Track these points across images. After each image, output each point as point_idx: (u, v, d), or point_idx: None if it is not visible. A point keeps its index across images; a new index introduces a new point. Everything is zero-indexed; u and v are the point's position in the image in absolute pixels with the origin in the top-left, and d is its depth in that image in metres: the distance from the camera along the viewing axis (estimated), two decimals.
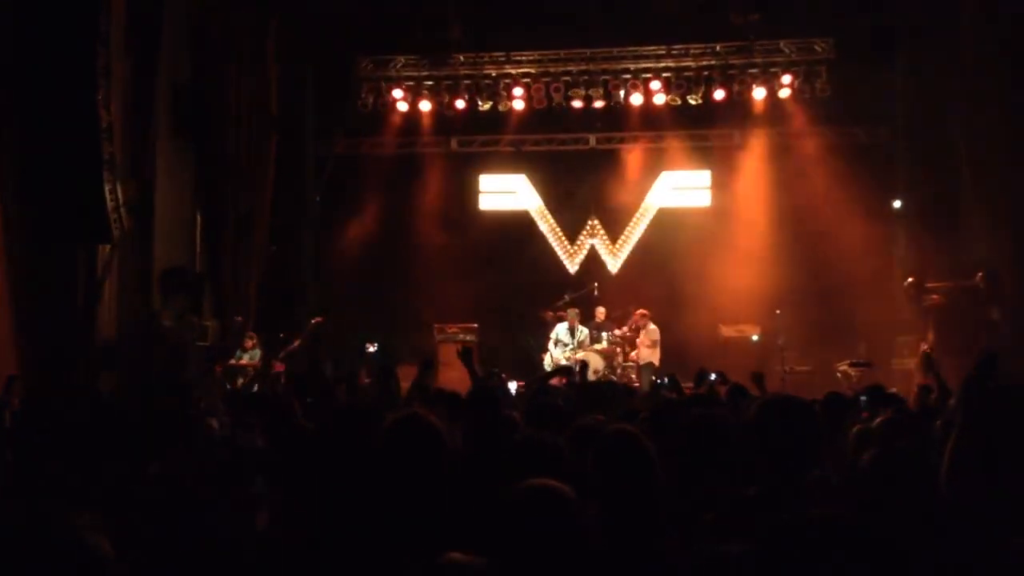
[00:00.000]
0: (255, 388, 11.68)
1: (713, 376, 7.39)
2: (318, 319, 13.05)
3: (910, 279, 12.84)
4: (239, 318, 13.31)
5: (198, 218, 14.34)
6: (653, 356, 13.59)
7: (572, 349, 13.58)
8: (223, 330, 13.47)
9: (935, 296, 12.66)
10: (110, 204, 9.75)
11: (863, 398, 6.37)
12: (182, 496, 2.50)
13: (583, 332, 13.78)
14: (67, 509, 1.66)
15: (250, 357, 12.77)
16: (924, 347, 11.83)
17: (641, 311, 13.89)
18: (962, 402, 3.48)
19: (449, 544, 2.43)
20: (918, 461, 3.30)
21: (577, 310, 14.01)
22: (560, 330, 13.87)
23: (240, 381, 12.18)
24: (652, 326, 13.77)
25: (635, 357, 13.90)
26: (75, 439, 3.83)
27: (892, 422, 4.58)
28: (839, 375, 12.49)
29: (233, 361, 12.54)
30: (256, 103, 14.01)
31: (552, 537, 2.12)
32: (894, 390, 7.55)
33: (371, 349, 5.18)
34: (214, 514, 2.49)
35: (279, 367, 12.22)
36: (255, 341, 12.97)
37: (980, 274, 12.21)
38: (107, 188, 9.69)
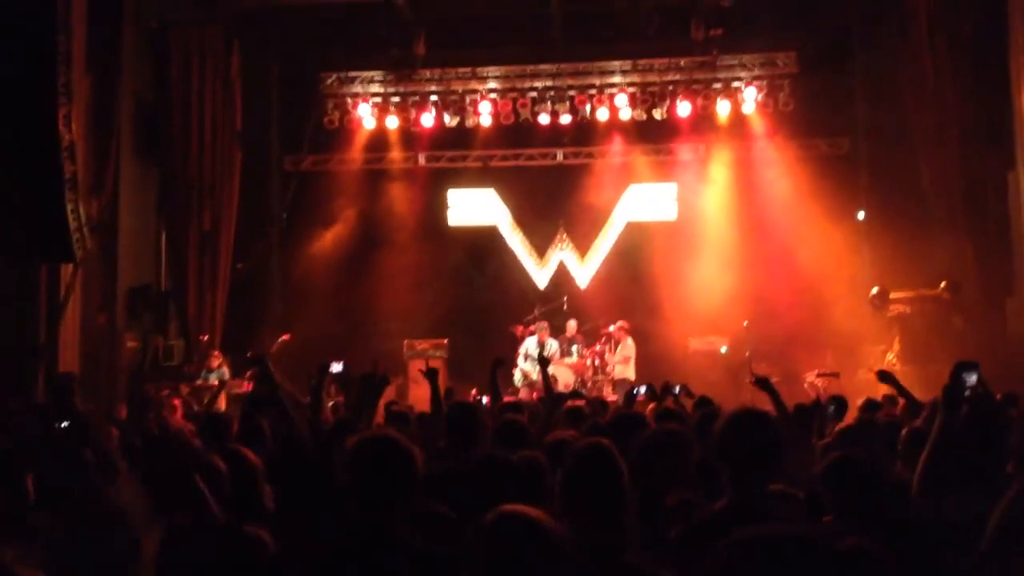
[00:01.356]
0: (221, 408, 11.54)
1: (677, 389, 7.39)
2: (284, 336, 12.94)
3: (875, 289, 12.98)
4: (204, 337, 13.19)
5: (163, 236, 14.23)
6: (627, 371, 13.59)
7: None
8: (188, 349, 13.34)
9: (900, 306, 12.82)
10: (73, 223, 9.65)
11: (831, 408, 6.41)
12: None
13: (552, 345, 13.77)
14: None
15: (217, 376, 12.63)
16: (882, 366, 12.00)
17: (621, 324, 13.87)
18: (940, 410, 3.51)
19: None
20: (869, 467, 3.33)
21: (546, 324, 14.02)
22: (530, 344, 13.86)
23: (205, 401, 12.03)
24: (629, 341, 13.76)
25: (610, 372, 13.91)
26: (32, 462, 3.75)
27: (848, 431, 4.63)
28: (807, 385, 12.58)
29: (200, 381, 12.40)
30: (220, 120, 13.94)
31: (525, 566, 2.11)
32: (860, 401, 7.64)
33: (336, 368, 5.10)
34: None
35: (247, 387, 12.09)
36: (221, 360, 12.84)
37: (944, 284, 12.38)
38: (69, 207, 9.59)
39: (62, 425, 5.01)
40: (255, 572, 3.08)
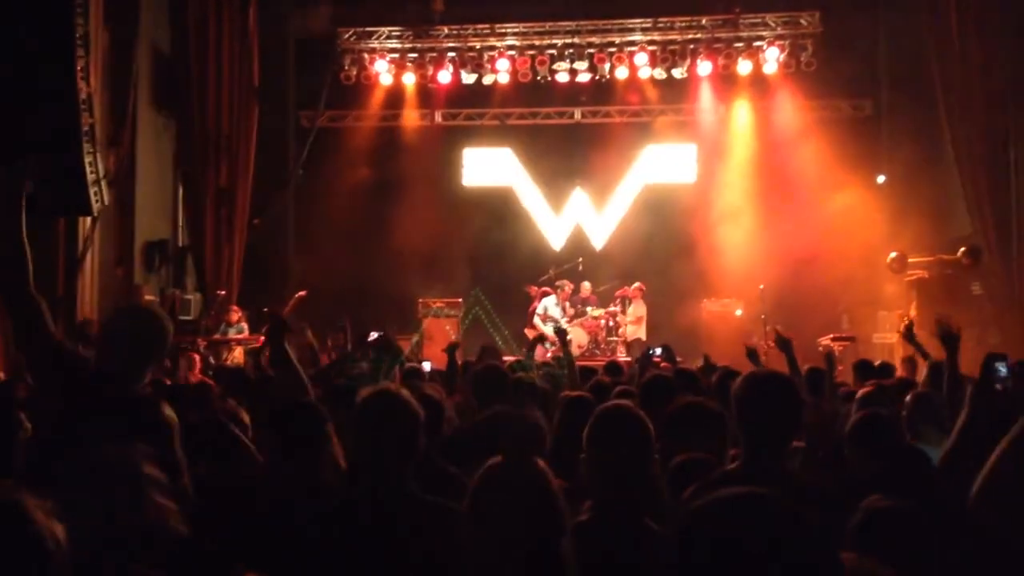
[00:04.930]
0: (239, 362, 11.63)
1: (659, 351, 7.43)
2: (301, 293, 12.98)
3: (893, 254, 12.88)
4: (221, 292, 13.24)
5: (180, 190, 14.24)
6: (639, 332, 13.64)
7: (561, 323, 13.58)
8: (205, 304, 13.41)
9: (918, 270, 12.73)
10: (91, 176, 9.64)
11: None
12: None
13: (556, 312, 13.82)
14: (17, 489, 1.55)
15: (236, 331, 12.70)
16: (907, 319, 11.90)
17: (638, 284, 13.91)
18: (969, 400, 3.49)
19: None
20: (896, 427, 3.34)
21: (569, 283, 14.04)
22: (549, 303, 13.87)
23: (226, 356, 12.13)
24: (641, 301, 13.82)
25: (622, 333, 13.94)
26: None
27: (872, 394, 4.62)
28: (821, 349, 12.54)
29: (219, 336, 12.48)
30: (237, 74, 13.87)
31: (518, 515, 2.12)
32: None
33: (374, 336, 5.12)
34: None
35: (260, 341, 12.16)
36: (240, 315, 12.89)
37: (963, 249, 12.27)
38: (87, 160, 9.58)
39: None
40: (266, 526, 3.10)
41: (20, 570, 1.49)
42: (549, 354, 11.82)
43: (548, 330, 13.49)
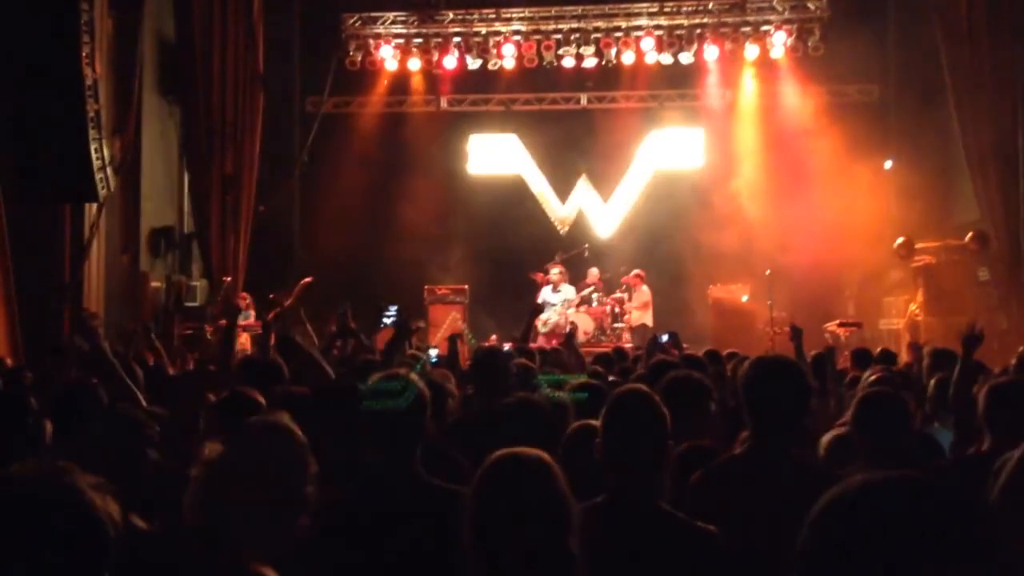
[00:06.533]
0: (246, 349, 11.64)
1: (665, 338, 7.47)
2: (307, 280, 12.98)
3: (901, 239, 12.84)
4: (227, 279, 13.25)
5: (185, 177, 14.24)
6: (645, 318, 13.62)
7: (558, 311, 13.55)
8: (211, 290, 13.43)
9: (925, 256, 12.69)
10: (96, 163, 9.65)
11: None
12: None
13: (566, 291, 13.77)
14: (71, 470, 1.55)
15: (244, 317, 12.70)
16: (905, 317, 11.94)
17: (637, 272, 13.89)
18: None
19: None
20: (900, 406, 3.33)
21: (560, 268, 13.98)
22: (545, 292, 13.86)
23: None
24: (644, 287, 13.79)
25: (628, 320, 13.92)
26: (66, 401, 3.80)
27: (881, 380, 4.62)
28: (828, 335, 12.53)
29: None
30: (242, 60, 13.84)
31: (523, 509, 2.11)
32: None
33: (390, 312, 5.11)
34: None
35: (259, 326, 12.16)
36: (248, 301, 12.90)
37: (970, 234, 12.22)
38: (93, 147, 9.58)
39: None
40: None
41: (81, 556, 1.49)
42: (554, 341, 11.79)
43: (545, 316, 13.39)
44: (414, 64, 15.43)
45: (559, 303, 13.69)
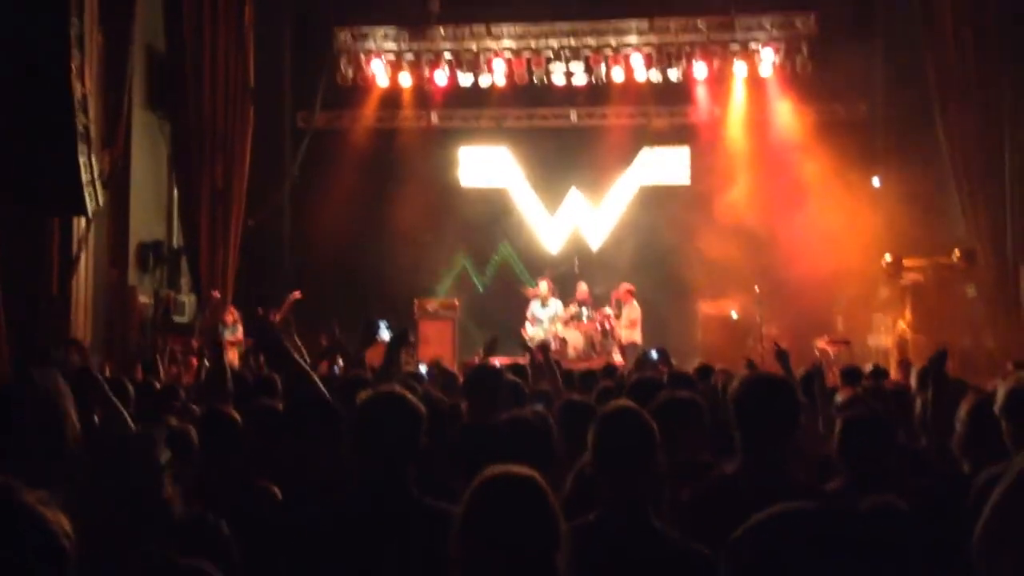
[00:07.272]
0: (234, 364, 11.58)
1: (654, 354, 7.45)
2: (295, 294, 12.96)
3: (888, 256, 12.89)
4: (216, 293, 13.20)
5: (175, 191, 14.20)
6: (634, 335, 13.60)
7: (545, 327, 13.55)
8: (200, 305, 13.37)
9: (913, 274, 12.74)
10: (85, 177, 9.59)
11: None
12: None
13: (553, 304, 13.78)
14: (16, 487, 1.49)
15: (231, 332, 12.67)
16: (894, 334, 11.97)
17: (627, 286, 13.88)
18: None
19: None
20: (886, 428, 3.33)
21: (546, 281, 13.99)
22: (534, 306, 13.86)
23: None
24: (634, 303, 13.78)
25: (617, 336, 13.92)
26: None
27: (857, 397, 4.65)
28: (817, 352, 12.55)
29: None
30: (233, 74, 13.83)
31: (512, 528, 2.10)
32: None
33: (383, 327, 5.05)
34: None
35: (250, 342, 12.12)
36: (236, 316, 12.86)
37: (957, 252, 12.29)
38: (82, 160, 9.52)
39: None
40: (265, 526, 3.10)
41: (41, 570, 1.46)
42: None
43: (533, 332, 13.38)
44: (405, 79, 15.46)
45: (546, 319, 13.69)
